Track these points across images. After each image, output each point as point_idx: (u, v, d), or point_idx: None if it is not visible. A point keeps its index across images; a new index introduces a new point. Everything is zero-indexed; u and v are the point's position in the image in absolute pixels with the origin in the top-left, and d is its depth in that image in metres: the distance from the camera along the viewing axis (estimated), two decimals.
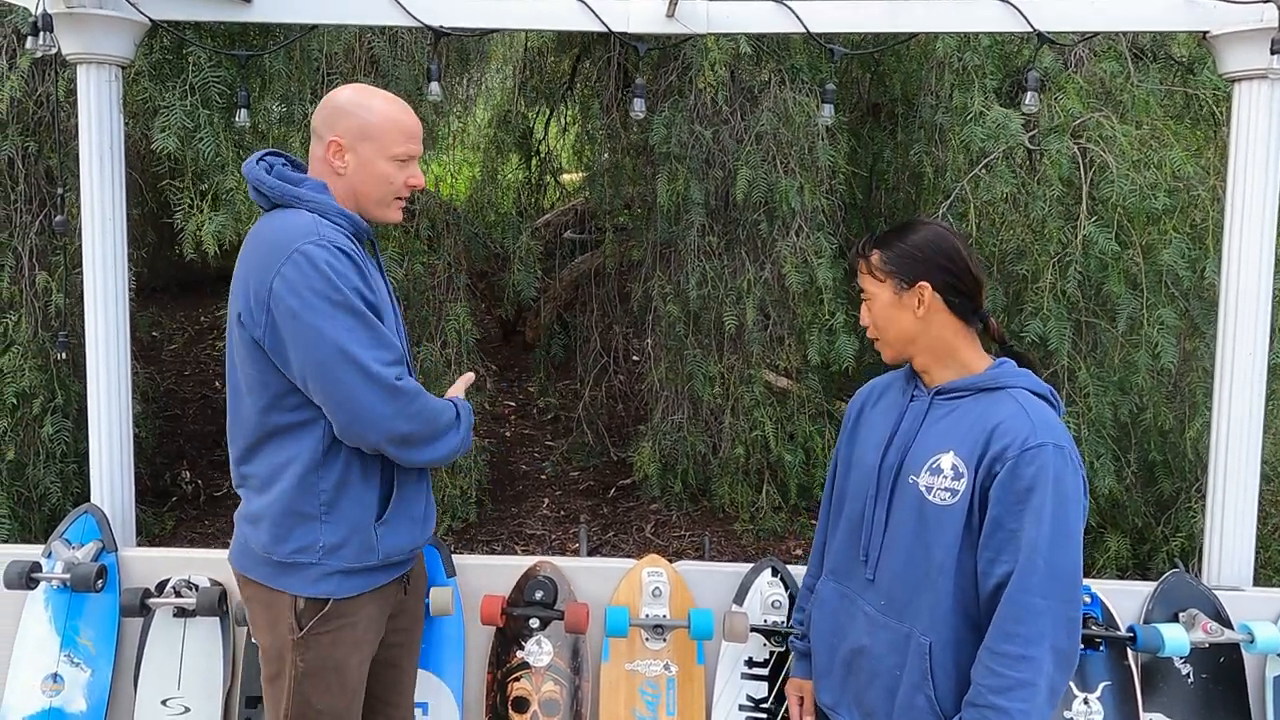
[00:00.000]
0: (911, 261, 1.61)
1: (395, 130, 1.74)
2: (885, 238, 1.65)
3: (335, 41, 3.07)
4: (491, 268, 5.40)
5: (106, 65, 2.53)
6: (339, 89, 1.80)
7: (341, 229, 1.72)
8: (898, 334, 1.63)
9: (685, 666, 2.38)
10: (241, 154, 2.96)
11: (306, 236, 1.65)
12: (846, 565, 1.71)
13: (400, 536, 1.81)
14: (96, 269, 2.58)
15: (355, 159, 1.74)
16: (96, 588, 2.30)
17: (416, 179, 1.80)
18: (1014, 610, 1.46)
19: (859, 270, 1.69)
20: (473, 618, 2.39)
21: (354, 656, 1.79)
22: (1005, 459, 1.49)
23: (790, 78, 3.98)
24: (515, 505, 4.53)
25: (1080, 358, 3.57)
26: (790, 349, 4.15)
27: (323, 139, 1.76)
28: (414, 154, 1.78)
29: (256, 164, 1.80)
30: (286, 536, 1.74)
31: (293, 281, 1.61)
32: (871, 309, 1.67)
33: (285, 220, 1.70)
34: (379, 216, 1.80)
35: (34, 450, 3.62)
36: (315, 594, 1.75)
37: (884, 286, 1.63)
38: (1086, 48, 3.80)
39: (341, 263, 1.64)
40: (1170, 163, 3.37)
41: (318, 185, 1.77)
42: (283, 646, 1.77)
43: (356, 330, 1.64)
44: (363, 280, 1.68)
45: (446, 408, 1.78)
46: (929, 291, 1.60)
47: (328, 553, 1.74)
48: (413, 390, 1.70)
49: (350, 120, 1.73)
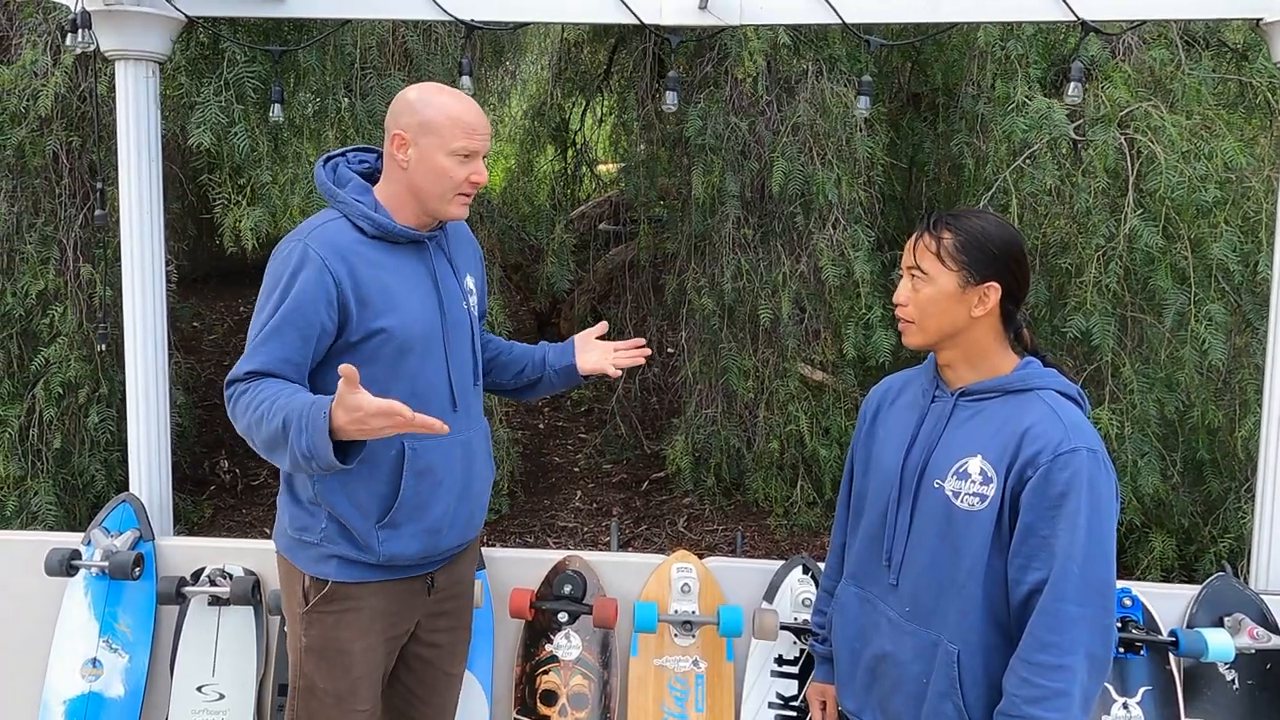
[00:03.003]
0: (988, 258, 1.52)
1: (455, 125, 1.74)
2: (960, 223, 1.54)
3: (369, 36, 3.08)
4: (526, 259, 5.41)
5: (144, 61, 2.56)
6: (411, 86, 1.81)
7: (361, 230, 1.75)
8: (941, 325, 1.55)
9: (714, 663, 2.36)
10: (276, 149, 2.99)
11: (300, 234, 1.73)
12: (868, 569, 1.67)
13: (407, 543, 1.79)
14: (135, 262, 2.62)
15: (417, 153, 1.74)
16: (134, 575, 2.34)
17: (479, 175, 1.78)
18: (1048, 619, 1.42)
19: (921, 247, 1.55)
20: (502, 611, 2.39)
21: (358, 643, 1.80)
22: (1038, 464, 1.44)
23: (828, 68, 3.93)
24: (548, 497, 4.54)
25: (1125, 354, 3.49)
26: (826, 343, 4.10)
27: (389, 133, 1.78)
28: (476, 150, 1.77)
29: (326, 162, 1.85)
30: (293, 513, 1.82)
31: (268, 267, 1.73)
32: (920, 291, 1.55)
33: (309, 220, 1.78)
34: (441, 212, 1.79)
35: (79, 439, 3.70)
36: (317, 574, 1.79)
37: (949, 275, 1.53)
38: (1135, 35, 3.69)
39: (302, 265, 1.68)
40: (1222, 153, 3.26)
41: (359, 188, 1.79)
42: (294, 618, 1.84)
43: (257, 328, 1.69)
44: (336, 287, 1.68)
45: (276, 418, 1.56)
46: (996, 294, 1.53)
47: (327, 536, 1.78)
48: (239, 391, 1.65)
49: (413, 115, 1.74)
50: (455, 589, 1.98)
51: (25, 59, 3.36)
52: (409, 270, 1.79)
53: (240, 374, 1.67)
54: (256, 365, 1.67)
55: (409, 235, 1.79)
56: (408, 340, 1.76)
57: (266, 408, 1.58)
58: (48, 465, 3.63)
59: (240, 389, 1.66)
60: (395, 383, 1.76)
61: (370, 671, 1.83)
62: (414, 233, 1.80)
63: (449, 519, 1.84)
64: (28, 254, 3.58)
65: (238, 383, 1.67)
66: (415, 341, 1.77)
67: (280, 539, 1.87)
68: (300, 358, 1.69)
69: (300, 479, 1.80)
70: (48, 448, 3.62)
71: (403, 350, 1.76)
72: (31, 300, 3.59)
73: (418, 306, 1.78)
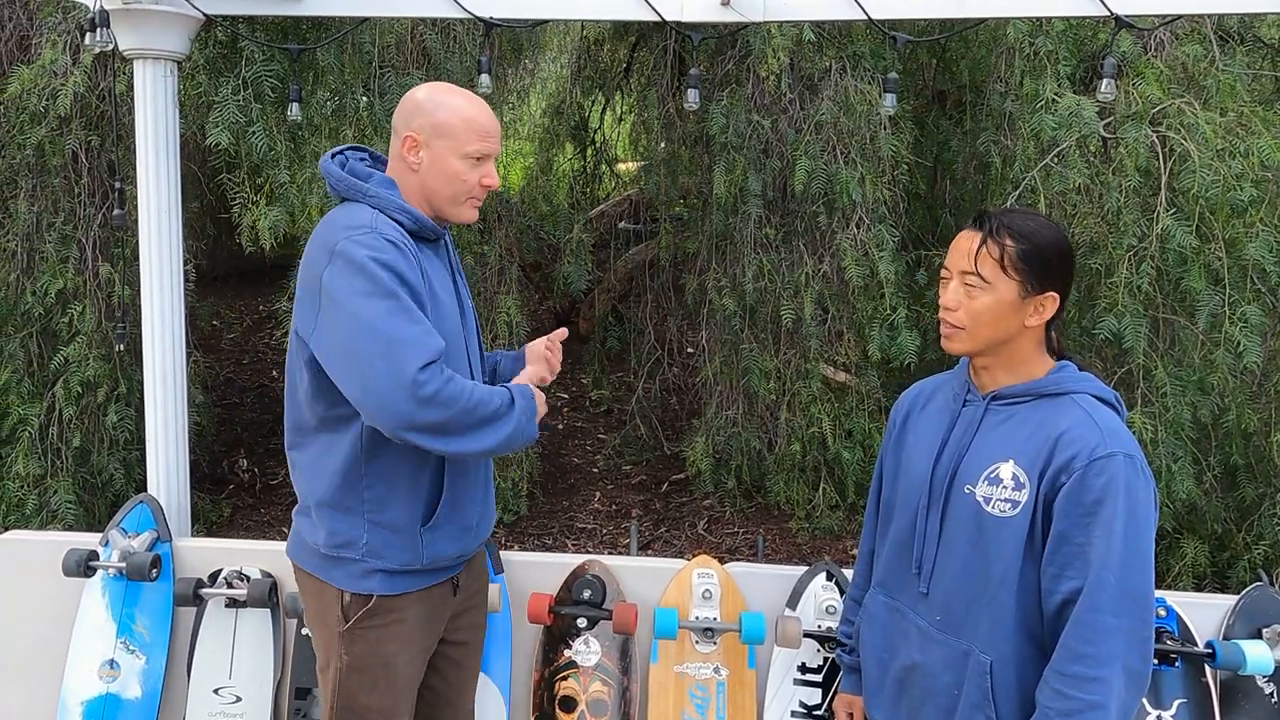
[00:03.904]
0: (1049, 268, 1.46)
1: (469, 128, 1.71)
2: (1020, 227, 1.46)
3: (387, 34, 3.05)
4: (545, 259, 5.38)
5: (162, 60, 2.55)
6: (419, 86, 1.78)
7: (400, 225, 1.70)
8: (993, 334, 1.49)
9: (736, 671, 2.31)
10: (295, 148, 2.97)
11: (357, 229, 1.63)
12: (897, 577, 1.63)
13: (447, 543, 1.77)
14: (153, 262, 2.60)
15: (429, 155, 1.72)
16: (151, 577, 2.33)
17: (491, 179, 1.75)
18: (1083, 630, 1.37)
19: (981, 252, 1.46)
20: (520, 615, 2.36)
21: (403, 654, 1.77)
22: (1072, 469, 1.39)
23: (852, 65, 3.87)
24: (566, 499, 4.50)
25: (1157, 356, 3.41)
26: (849, 344, 4.04)
27: (399, 134, 1.75)
28: (488, 153, 1.74)
29: (332, 159, 1.79)
30: (331, 530, 1.73)
31: (338, 270, 1.60)
32: (975, 299, 1.47)
33: (344, 214, 1.70)
34: (451, 215, 1.77)
35: (98, 438, 3.70)
36: (359, 590, 1.74)
37: (1009, 284, 1.46)
38: (1167, 31, 3.61)
39: (386, 252, 1.61)
40: (1258, 151, 3.18)
41: (385, 181, 1.75)
42: (330, 639, 1.77)
43: (393, 314, 1.58)
44: (411, 270, 1.64)
45: (492, 396, 1.65)
46: (1054, 304, 1.48)
47: (370, 551, 1.72)
48: (440, 378, 1.58)
49: (426, 116, 1.71)
50: (474, 585, 1.97)
51: (45, 58, 3.36)
52: (438, 269, 1.77)
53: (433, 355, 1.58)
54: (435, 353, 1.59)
55: (436, 232, 1.76)
56: (450, 339, 1.73)
57: (483, 393, 1.64)
58: (67, 464, 3.63)
59: (444, 374, 1.59)
60: None
61: (412, 682, 1.81)
62: (440, 229, 1.77)
63: (479, 516, 1.84)
64: (47, 253, 3.58)
65: (434, 365, 1.58)
66: (451, 341, 1.74)
67: (307, 557, 1.79)
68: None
69: (334, 494, 1.71)
70: (67, 446, 3.62)
71: (445, 352, 1.70)
72: (51, 299, 3.59)
73: (449, 306, 1.76)
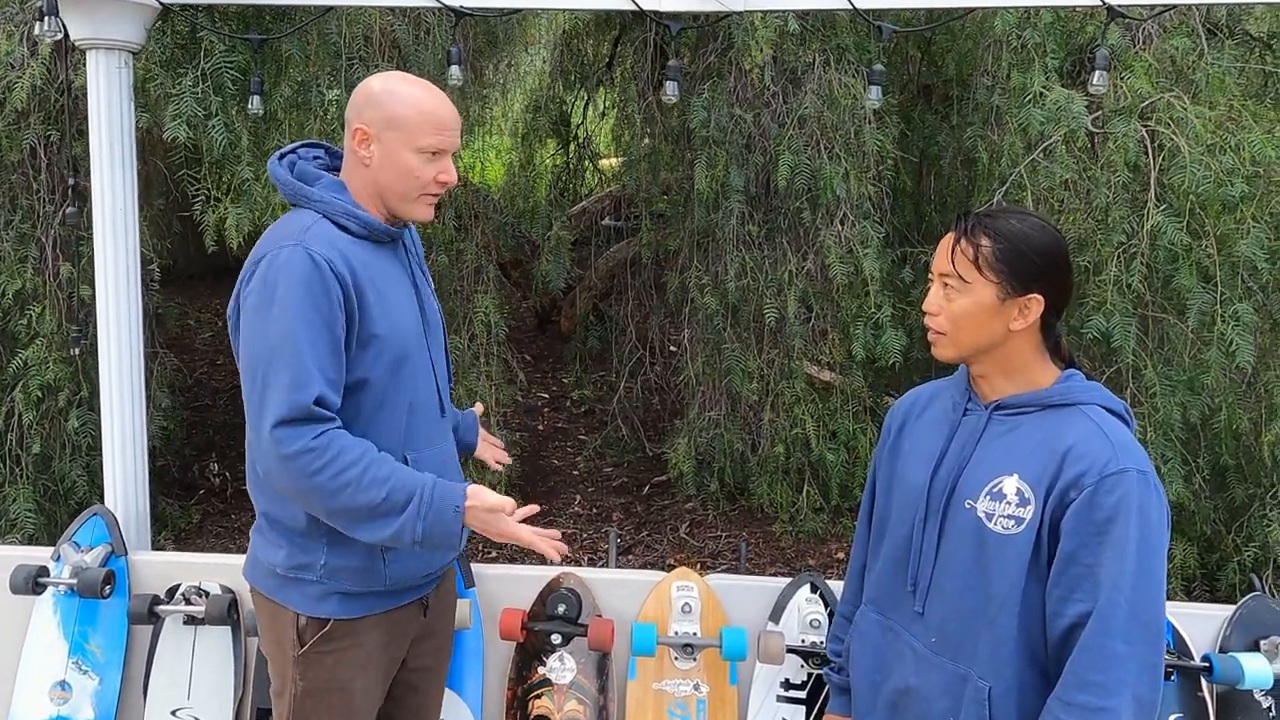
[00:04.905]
0: (1031, 267, 1.38)
1: (424, 120, 1.60)
2: (999, 227, 1.39)
3: (355, 24, 2.94)
4: (526, 256, 5.28)
5: (116, 51, 2.43)
6: (375, 75, 1.67)
7: (347, 230, 1.61)
8: (976, 338, 1.41)
9: (717, 687, 2.23)
10: (259, 143, 2.85)
11: (284, 243, 1.54)
12: (891, 595, 1.54)
13: (413, 563, 1.68)
14: (108, 261, 2.49)
15: (381, 149, 1.61)
16: (103, 594, 2.22)
17: (447, 175, 1.64)
18: (1092, 656, 1.29)
19: (956, 251, 1.40)
20: (492, 631, 2.27)
21: (360, 679, 1.68)
22: (1082, 486, 1.31)
23: (836, 58, 3.78)
24: (546, 502, 4.41)
25: (1146, 355, 3.34)
26: (834, 343, 3.96)
27: (350, 126, 1.64)
28: (446, 147, 1.63)
29: (280, 160, 1.69)
30: (287, 550, 1.64)
31: (254, 288, 1.53)
32: (954, 301, 1.41)
33: (284, 222, 1.61)
34: (405, 213, 1.65)
35: (59, 444, 3.57)
36: (315, 613, 1.64)
37: (987, 285, 1.38)
38: (1156, 24, 3.54)
39: (299, 270, 1.50)
40: (1249, 146, 3.11)
41: (333, 184, 1.65)
42: (285, 663, 1.69)
43: (278, 353, 1.47)
44: (329, 290, 1.51)
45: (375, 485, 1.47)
46: (1039, 307, 1.39)
47: (329, 573, 1.63)
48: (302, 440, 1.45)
49: (378, 108, 1.60)
50: (442, 606, 1.88)
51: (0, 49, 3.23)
52: (392, 272, 1.66)
53: (297, 413, 1.46)
54: (316, 393, 1.47)
55: (389, 233, 1.65)
56: (404, 347, 1.63)
57: (356, 474, 1.47)
58: (27, 471, 3.50)
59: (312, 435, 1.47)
60: (396, 393, 1.63)
61: (370, 709, 1.72)
62: (393, 230, 1.66)
63: None
64: (4, 252, 3.45)
65: (296, 424, 1.46)
66: (410, 348, 1.64)
67: (263, 579, 1.70)
68: (339, 377, 1.53)
69: (292, 512, 1.61)
70: (26, 453, 3.50)
71: (400, 358, 1.63)
72: (9, 300, 3.46)
73: (406, 310, 1.66)
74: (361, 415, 1.59)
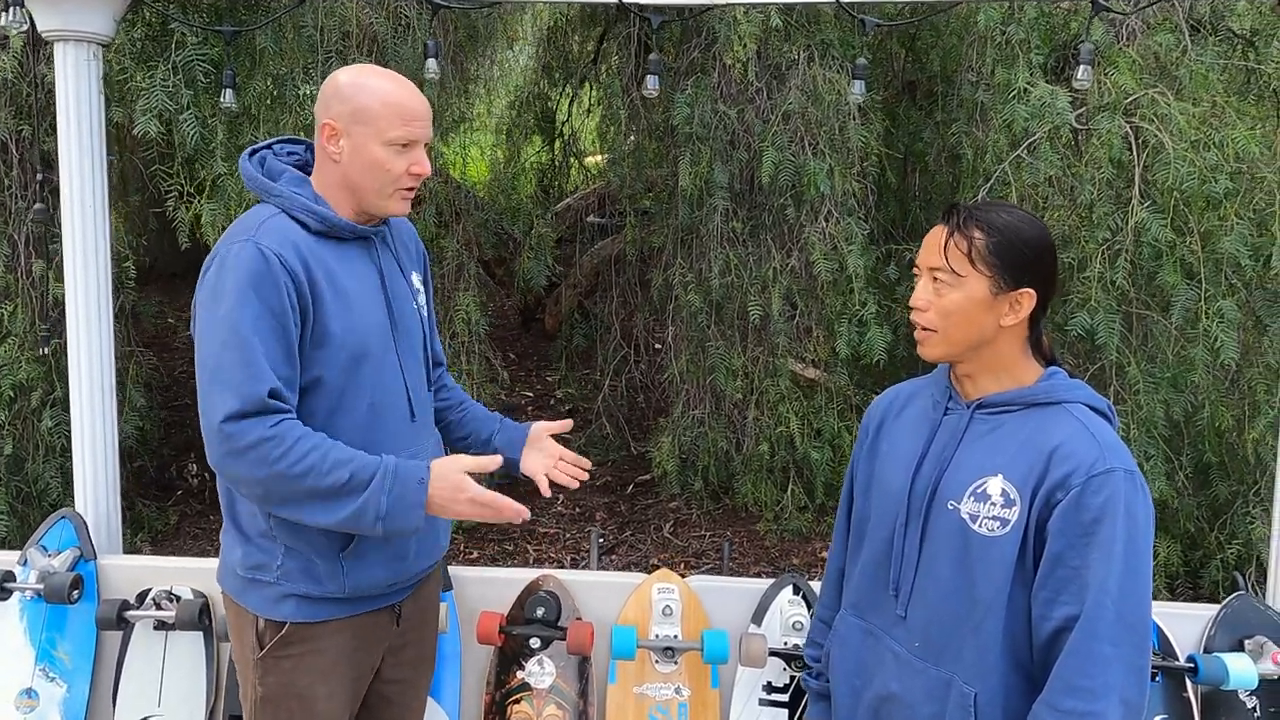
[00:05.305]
0: (1024, 260, 1.35)
1: (392, 112, 1.56)
2: (991, 219, 1.35)
3: (330, 17, 2.89)
4: (510, 254, 5.23)
5: (84, 43, 2.38)
6: (343, 69, 1.63)
7: (307, 226, 1.57)
8: (967, 335, 1.37)
9: (698, 691, 2.20)
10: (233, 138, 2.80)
11: (236, 239, 1.52)
12: (872, 599, 1.51)
13: (373, 571, 1.63)
14: (77, 259, 2.44)
15: (350, 144, 1.57)
16: (71, 599, 2.17)
17: (420, 166, 1.60)
18: (1079, 660, 1.26)
19: (949, 245, 1.36)
20: (470, 635, 2.23)
21: (321, 686, 1.63)
22: (1069, 486, 1.28)
23: (821, 53, 3.75)
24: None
25: (1130, 352, 3.33)
26: (818, 341, 3.93)
27: (318, 122, 1.61)
28: (416, 138, 1.59)
29: (251, 156, 1.67)
30: (243, 550, 1.63)
31: (206, 283, 1.52)
32: (945, 296, 1.37)
33: (244, 218, 1.59)
34: (379, 209, 1.62)
35: (32, 444, 3.51)
36: (273, 616, 1.62)
37: (979, 279, 1.35)
38: (1140, 20, 3.53)
39: (247, 267, 1.48)
40: (1233, 143, 3.10)
41: (295, 179, 1.61)
42: (246, 667, 1.67)
43: (226, 348, 1.45)
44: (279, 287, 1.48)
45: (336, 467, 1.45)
46: (1031, 302, 1.36)
47: (285, 575, 1.60)
48: (256, 432, 1.43)
49: (344, 102, 1.57)
50: (420, 618, 1.82)
51: None
52: (357, 269, 1.62)
53: (250, 406, 1.43)
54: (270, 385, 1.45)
55: (354, 230, 1.61)
56: (363, 346, 1.59)
57: (318, 458, 1.44)
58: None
59: (265, 428, 1.44)
60: (354, 394, 1.58)
61: (335, 718, 1.67)
62: (360, 228, 1.62)
63: (416, 542, 1.68)
64: None
65: (250, 417, 1.44)
66: (371, 347, 1.60)
67: (228, 580, 1.68)
68: (292, 373, 1.50)
69: (249, 510, 1.60)
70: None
71: (359, 357, 1.58)
72: None
73: (370, 309, 1.62)
74: (317, 416, 1.56)
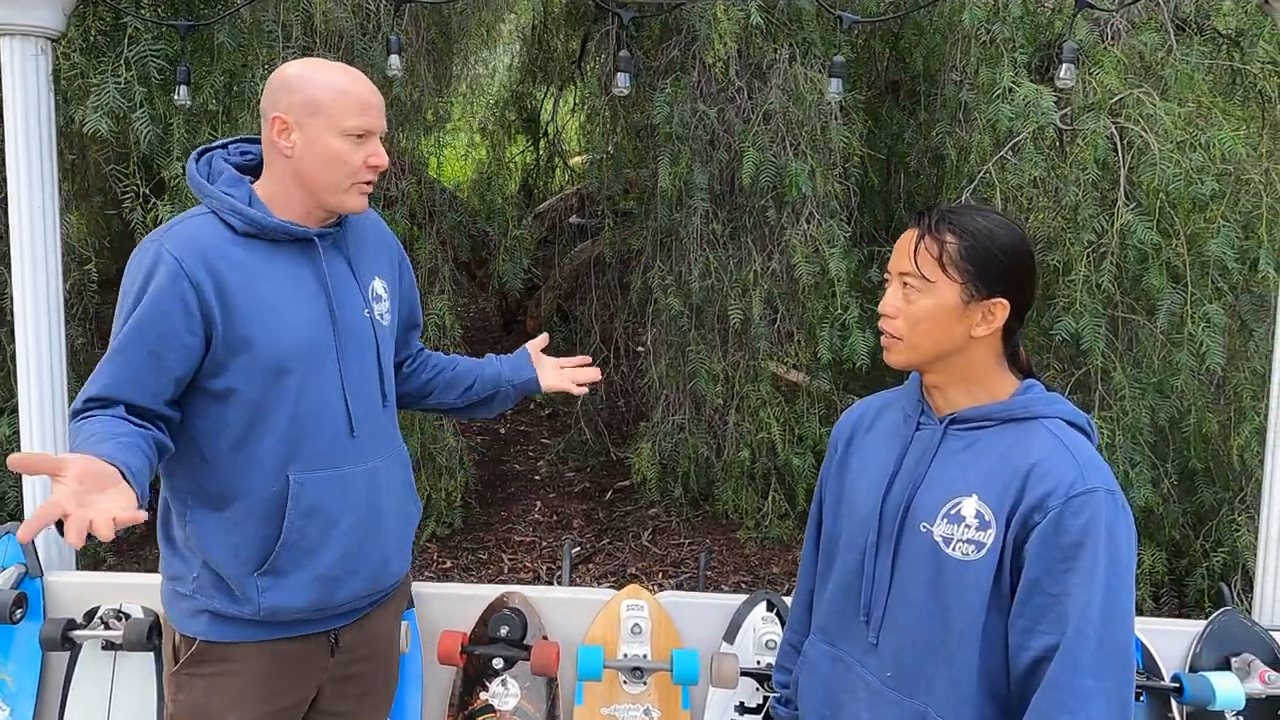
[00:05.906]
0: (998, 269, 1.27)
1: (346, 101, 1.49)
2: (965, 223, 1.28)
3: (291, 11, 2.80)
4: (491, 255, 5.15)
5: (32, 37, 2.28)
6: (290, 63, 1.56)
7: (230, 228, 1.50)
8: (935, 344, 1.30)
9: (668, 712, 2.12)
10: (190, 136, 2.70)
11: (155, 235, 1.50)
12: (841, 624, 1.43)
13: (292, 594, 1.53)
14: (25, 262, 2.34)
15: (302, 137, 1.49)
16: (14, 619, 2.07)
17: (377, 158, 1.53)
18: (1059, 693, 1.19)
19: (919, 249, 1.29)
20: (431, 655, 2.15)
21: (233, 713, 1.55)
22: (1047, 508, 1.21)
23: (802, 52, 3.68)
24: (505, 509, 4.28)
25: (1115, 357, 3.27)
26: (800, 345, 3.86)
27: (266, 117, 1.52)
28: (371, 128, 1.52)
29: (201, 156, 1.60)
30: (169, 559, 1.58)
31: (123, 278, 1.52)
32: (913, 303, 1.30)
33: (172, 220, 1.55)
34: (336, 205, 1.53)
35: None
36: (186, 631, 1.56)
37: (950, 286, 1.27)
38: (1125, 19, 3.47)
39: (159, 270, 1.45)
40: (1219, 143, 3.04)
41: (231, 180, 1.54)
42: (165, 680, 1.62)
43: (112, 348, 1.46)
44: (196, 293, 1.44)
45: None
46: (1004, 312, 1.28)
47: (200, 587, 1.53)
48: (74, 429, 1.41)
49: (294, 94, 1.49)
50: (368, 649, 1.70)
51: None
52: (290, 274, 1.53)
53: (79, 405, 1.43)
54: (95, 391, 1.43)
55: (289, 232, 1.52)
56: (284, 355, 1.50)
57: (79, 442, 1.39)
58: None
59: (75, 426, 1.40)
60: (274, 405, 1.50)
61: None
62: (296, 229, 1.52)
63: (349, 565, 1.58)
64: None
65: (76, 416, 1.42)
66: (294, 357, 1.50)
67: (163, 588, 1.62)
68: (153, 379, 1.44)
69: (172, 519, 1.56)
70: None
71: (279, 368, 1.49)
72: None
73: (299, 316, 1.52)
74: (231, 429, 1.49)
